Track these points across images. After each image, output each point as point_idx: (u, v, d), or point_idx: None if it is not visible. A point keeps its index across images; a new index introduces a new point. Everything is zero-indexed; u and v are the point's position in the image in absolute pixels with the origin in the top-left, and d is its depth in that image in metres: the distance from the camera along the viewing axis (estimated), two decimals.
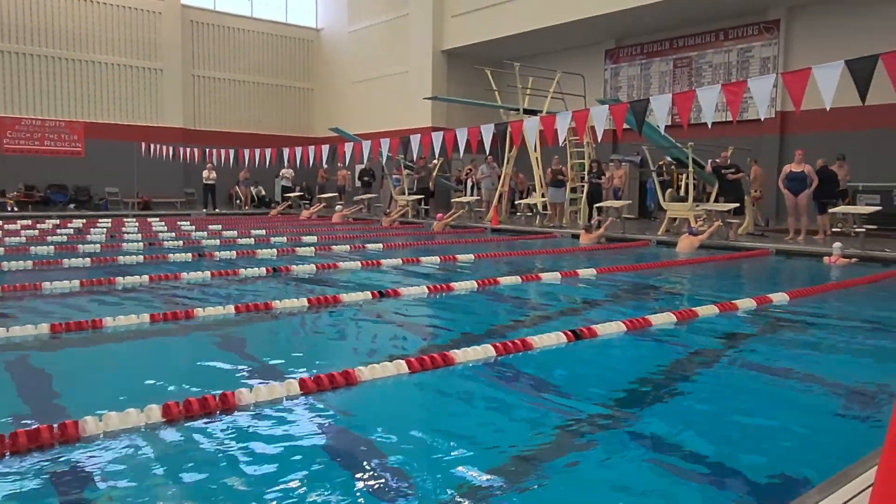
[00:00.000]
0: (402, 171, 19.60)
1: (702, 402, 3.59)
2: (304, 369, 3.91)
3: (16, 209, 19.67)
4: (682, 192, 13.83)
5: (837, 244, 9.95)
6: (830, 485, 2.22)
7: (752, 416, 3.39)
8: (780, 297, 6.46)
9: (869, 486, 2.13)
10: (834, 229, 12.15)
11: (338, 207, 19.53)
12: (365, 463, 2.70)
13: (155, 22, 23.51)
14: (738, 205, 12.64)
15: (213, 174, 21.40)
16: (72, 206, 21.03)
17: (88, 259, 8.89)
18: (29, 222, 15.43)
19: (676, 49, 18.45)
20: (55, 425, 2.84)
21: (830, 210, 12.02)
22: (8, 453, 2.68)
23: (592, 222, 13.45)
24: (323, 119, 26.57)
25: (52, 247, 10.30)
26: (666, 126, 10.00)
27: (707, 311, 5.72)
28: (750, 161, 14.25)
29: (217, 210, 21.55)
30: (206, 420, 3.09)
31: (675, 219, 13.80)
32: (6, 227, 13.85)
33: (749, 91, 8.17)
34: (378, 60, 24.38)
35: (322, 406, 3.36)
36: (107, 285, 6.89)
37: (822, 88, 7.28)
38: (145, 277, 7.24)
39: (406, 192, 19.06)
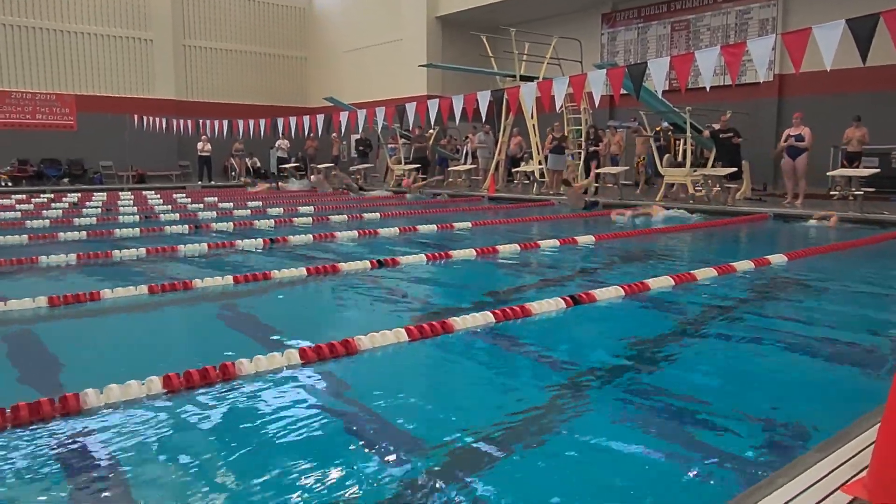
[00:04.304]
0: (398, 140, 19.43)
1: (701, 362, 3.60)
2: (304, 339, 3.90)
3: (10, 184, 19.52)
4: (679, 158, 13.74)
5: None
6: (831, 443, 2.23)
7: (752, 376, 3.40)
8: (778, 259, 6.46)
9: (870, 445, 2.14)
10: (832, 192, 12.14)
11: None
12: (367, 430, 2.71)
13: None
14: (735, 169, 12.58)
15: (209, 146, 21.20)
16: (66, 180, 20.86)
17: (84, 232, 8.85)
18: (23, 197, 15.32)
19: (674, 12, 18.17)
20: (56, 398, 2.84)
21: (830, 173, 11.96)
22: (9, 426, 2.68)
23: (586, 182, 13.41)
24: (317, 88, 26.24)
25: (47, 221, 10.24)
26: (663, 91, 9.89)
27: (706, 273, 5.72)
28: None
29: (213, 182, 21.39)
30: (207, 391, 3.09)
31: (672, 184, 13.74)
32: (1, 202, 13.76)
33: (748, 53, 8.07)
34: (372, 28, 24.00)
35: (322, 375, 3.36)
36: (104, 258, 6.86)
37: (823, 49, 7.21)
38: (142, 250, 7.21)
39: (402, 162, 18.92)
